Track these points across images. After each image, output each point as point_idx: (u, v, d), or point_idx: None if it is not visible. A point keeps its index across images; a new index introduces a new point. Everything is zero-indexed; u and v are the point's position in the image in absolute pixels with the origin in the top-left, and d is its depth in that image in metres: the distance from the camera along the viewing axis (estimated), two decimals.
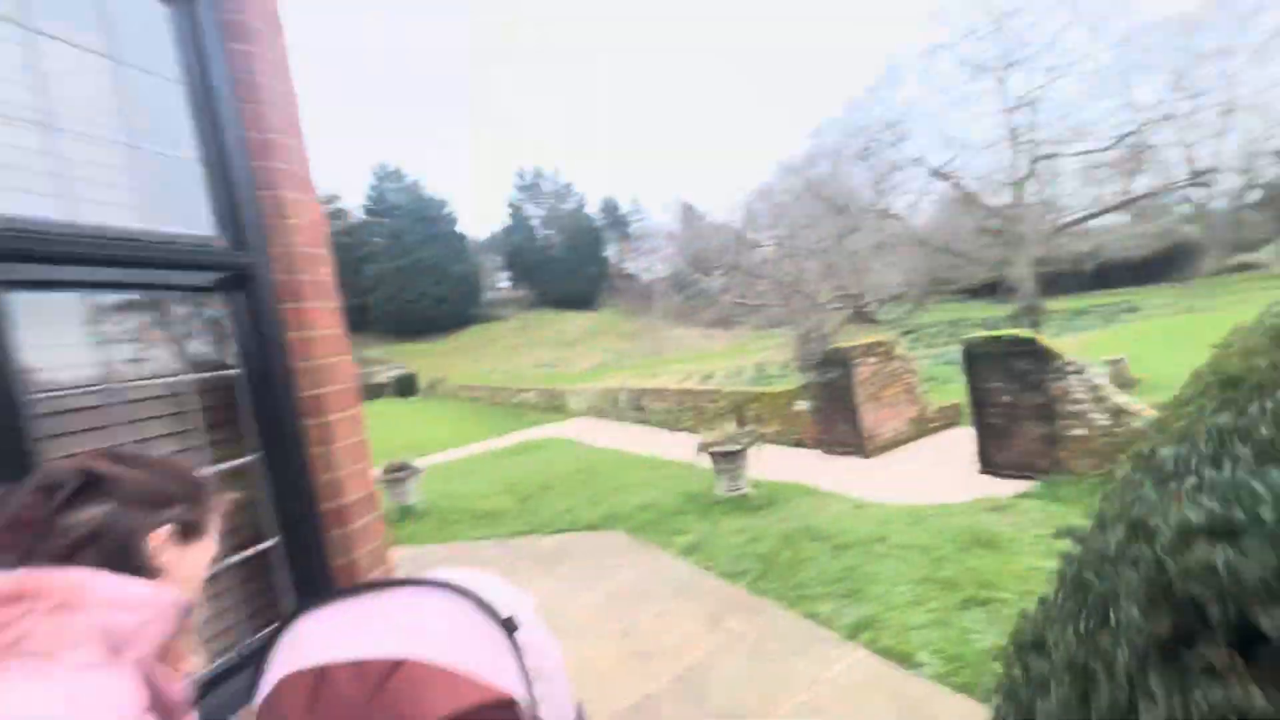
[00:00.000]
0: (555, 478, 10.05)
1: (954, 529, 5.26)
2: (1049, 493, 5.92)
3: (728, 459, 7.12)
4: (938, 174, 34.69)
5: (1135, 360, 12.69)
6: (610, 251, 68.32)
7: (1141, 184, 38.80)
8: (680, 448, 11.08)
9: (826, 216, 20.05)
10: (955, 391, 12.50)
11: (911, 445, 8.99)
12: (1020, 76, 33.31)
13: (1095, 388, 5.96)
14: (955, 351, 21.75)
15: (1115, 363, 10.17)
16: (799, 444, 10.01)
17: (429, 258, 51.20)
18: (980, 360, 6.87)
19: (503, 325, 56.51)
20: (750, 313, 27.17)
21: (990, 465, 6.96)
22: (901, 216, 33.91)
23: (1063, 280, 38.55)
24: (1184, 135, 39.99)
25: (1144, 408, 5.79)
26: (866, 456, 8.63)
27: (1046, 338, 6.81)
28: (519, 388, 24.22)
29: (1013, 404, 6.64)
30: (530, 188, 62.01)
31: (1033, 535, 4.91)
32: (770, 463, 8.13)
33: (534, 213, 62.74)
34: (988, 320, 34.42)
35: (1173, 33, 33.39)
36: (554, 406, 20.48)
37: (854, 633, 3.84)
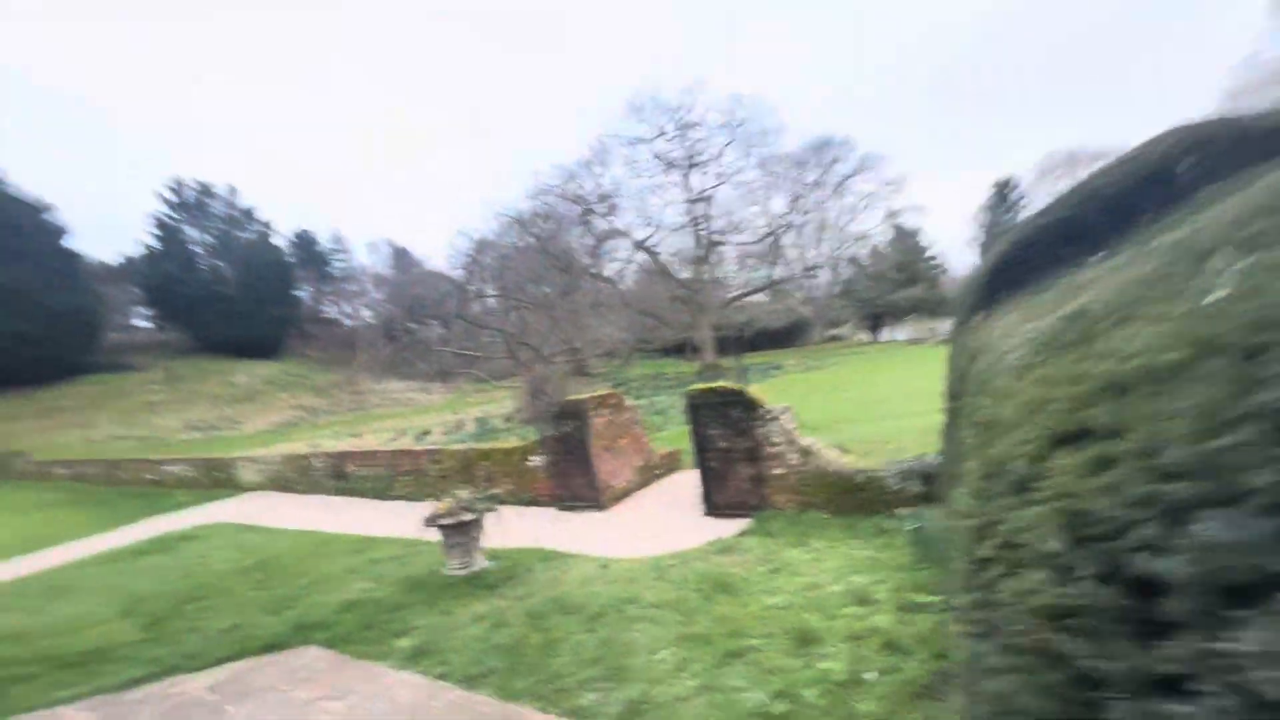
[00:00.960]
0: (211, 582, 7.41)
1: (695, 576, 5.34)
2: (761, 528, 6.59)
3: (460, 531, 6.15)
4: (641, 246, 39.69)
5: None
6: (304, 293, 58.93)
7: (776, 273, 50.73)
8: (397, 520, 9.46)
9: (551, 273, 20.67)
10: (666, 439, 13.65)
11: (640, 493, 9.30)
12: (698, 177, 40.83)
13: (788, 431, 6.99)
14: (662, 402, 24.32)
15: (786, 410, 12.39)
16: (533, 502, 9.47)
17: (7, 282, 36.04)
18: (701, 410, 7.49)
19: (136, 378, 42.82)
20: (470, 365, 26.08)
21: (713, 507, 7.52)
22: (613, 280, 37.52)
23: (728, 343, 47.43)
24: (799, 240, 54.11)
25: (824, 446, 7.00)
26: (603, 509, 8.57)
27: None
28: (160, 459, 18.12)
29: (728, 449, 7.35)
30: (191, 206, 49.66)
31: (759, 573, 5.26)
32: (507, 527, 7.38)
33: (195, 237, 50.25)
34: (680, 375, 39.99)
35: (789, 164, 45.27)
36: (216, 481, 15.82)
37: None
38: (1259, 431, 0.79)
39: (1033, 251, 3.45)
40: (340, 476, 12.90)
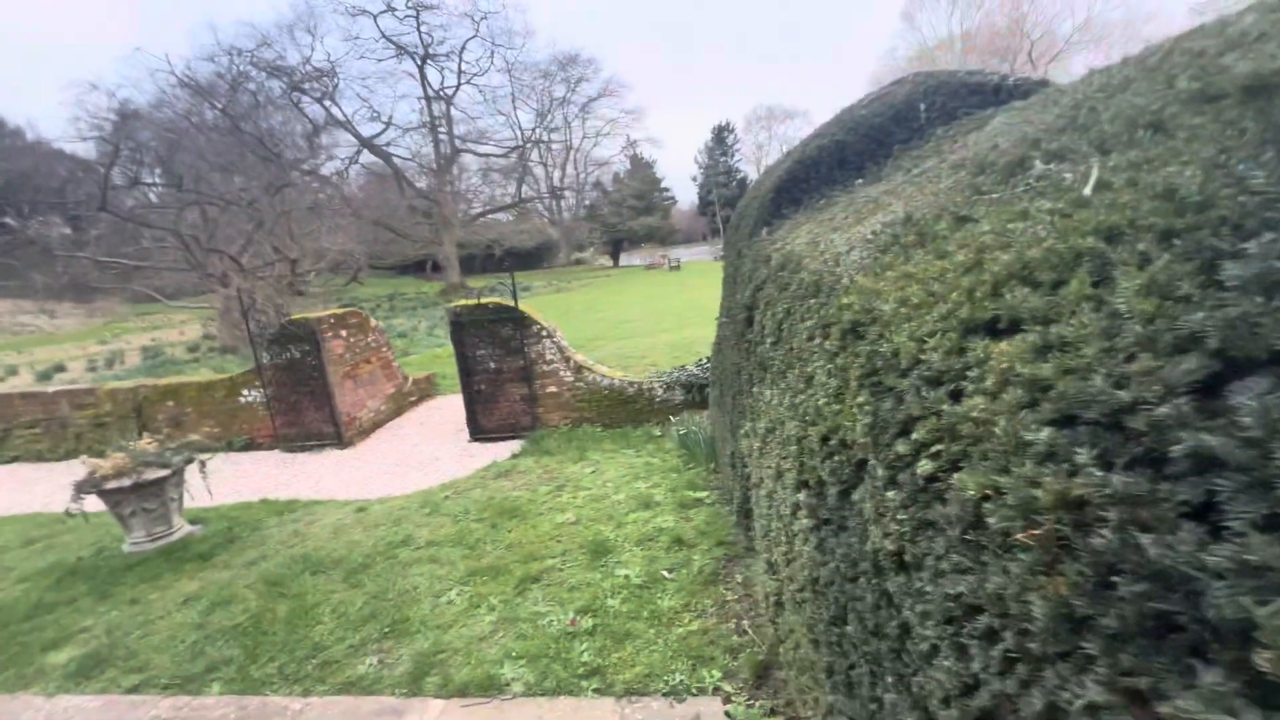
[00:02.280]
0: None
1: (475, 506, 4.94)
2: (537, 447, 6.42)
3: (142, 494, 4.56)
4: (368, 145, 34.08)
5: None
6: None
7: (525, 191, 49.31)
8: (22, 492, 6.77)
9: (250, 163, 16.18)
10: (416, 364, 12.45)
11: (394, 424, 8.26)
12: (434, 72, 36.26)
13: (562, 348, 6.82)
14: (404, 324, 21.98)
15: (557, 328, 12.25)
16: (251, 446, 7.66)
17: None
18: (467, 329, 6.78)
19: None
20: (128, 279, 19.54)
21: (480, 432, 7.05)
22: (333, 182, 31.71)
23: (474, 262, 45.20)
24: (545, 159, 53.13)
25: (594, 364, 7.03)
26: (347, 446, 7.36)
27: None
28: None
29: (498, 369, 6.88)
30: None
31: (544, 493, 5.12)
32: (217, 480, 5.81)
33: None
34: (422, 295, 36.74)
35: (537, 75, 43.28)
36: None
37: (416, 683, 2.94)
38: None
39: (812, 171, 3.72)
40: None
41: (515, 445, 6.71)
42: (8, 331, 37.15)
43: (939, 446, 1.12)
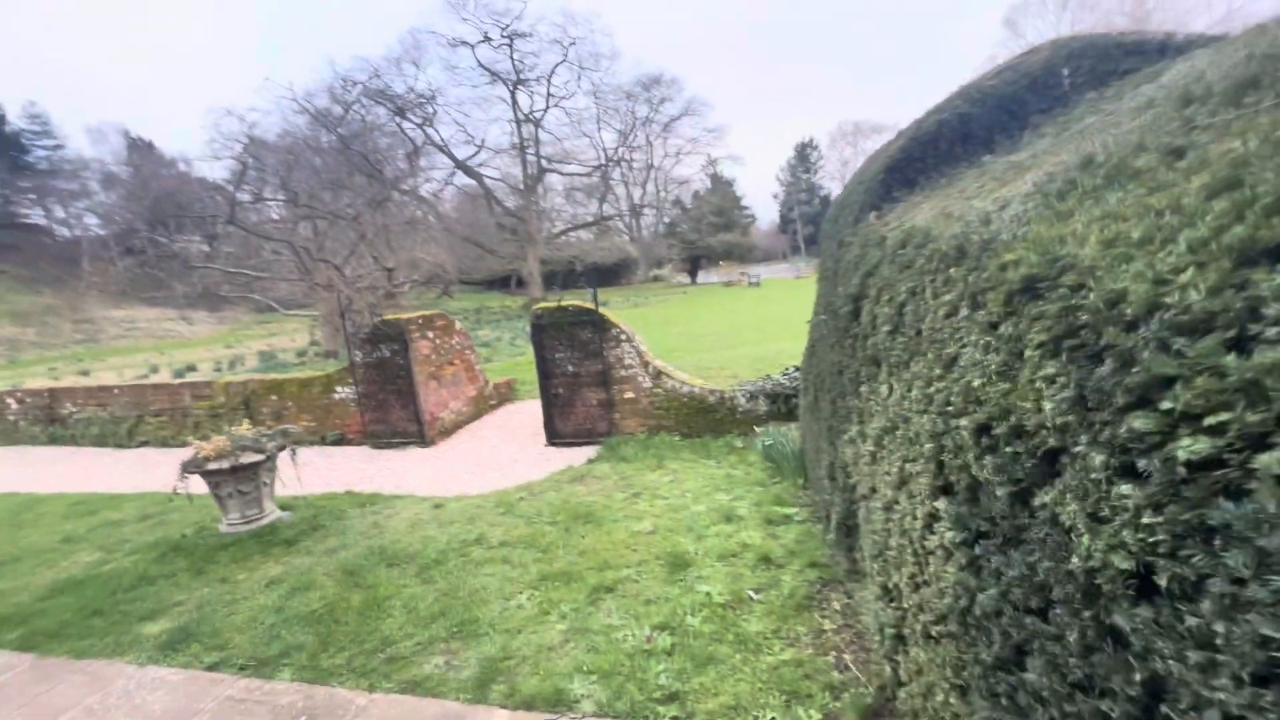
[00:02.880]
0: None
1: (549, 509, 4.78)
2: (613, 454, 6.23)
3: (239, 476, 4.75)
4: (462, 166, 36.08)
5: None
6: None
7: (605, 209, 50.38)
8: (146, 473, 7.36)
9: (356, 180, 17.44)
10: (495, 371, 12.71)
11: (473, 425, 8.37)
12: (525, 95, 37.95)
13: (641, 353, 6.62)
14: (488, 335, 22.78)
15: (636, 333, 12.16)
16: (342, 441, 8.00)
17: None
18: (547, 331, 6.75)
19: None
20: (249, 287, 21.52)
21: (557, 436, 6.96)
22: (429, 200, 33.76)
23: (555, 278, 46.51)
24: (625, 178, 54.12)
25: (674, 370, 6.78)
26: (429, 445, 7.50)
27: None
28: None
29: (576, 373, 6.78)
30: None
31: (620, 500, 4.88)
32: (310, 471, 6.04)
33: None
34: (506, 309, 38.15)
35: (621, 96, 44.32)
36: None
37: (481, 689, 2.74)
38: None
39: (929, 149, 3.30)
40: (54, 420, 9.73)
41: (591, 451, 6.54)
42: (154, 335, 42.24)
43: (1221, 417, 0.76)
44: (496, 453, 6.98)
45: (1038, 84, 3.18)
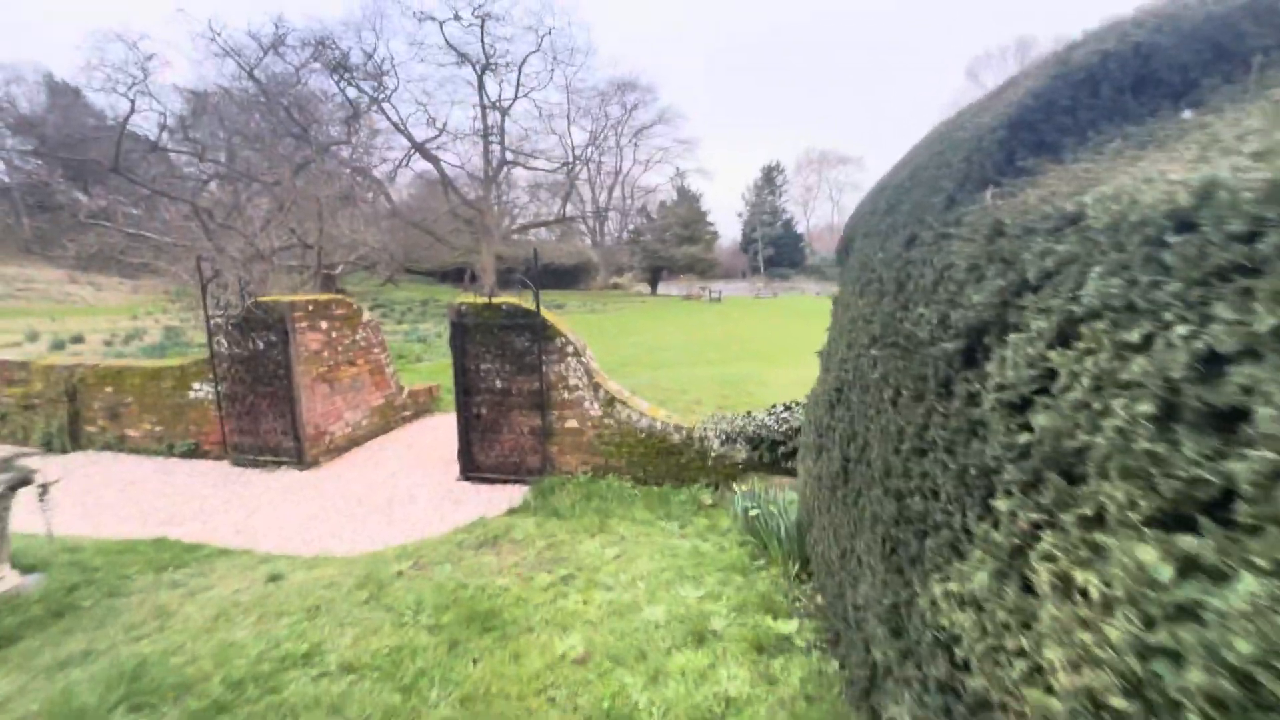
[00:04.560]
0: None
1: (436, 598, 3.25)
2: (544, 502, 4.73)
3: None
4: (420, 149, 33.79)
5: None
6: None
7: (567, 210, 48.81)
8: None
9: (282, 140, 15.25)
10: (424, 373, 10.98)
11: (375, 443, 6.69)
12: (492, 83, 36.10)
13: (591, 373, 5.18)
14: (428, 330, 20.73)
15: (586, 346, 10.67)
16: (195, 452, 6.17)
17: None
18: (471, 334, 5.21)
19: None
20: (151, 252, 18.71)
21: (474, 469, 5.41)
22: (380, 180, 31.34)
23: (512, 276, 44.45)
24: (594, 179, 52.79)
25: (630, 395, 5.34)
26: (308, 466, 5.80)
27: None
28: None
29: (505, 390, 5.26)
30: None
31: (542, 587, 3.40)
32: (134, 493, 4.29)
33: None
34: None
35: (593, 95, 43.05)
36: None
37: None
38: None
39: (1081, 95, 2.03)
40: None
41: (516, 494, 5.04)
42: (52, 299, 37.71)
43: None
44: (393, 484, 5.36)
45: (1257, 12, 1.97)
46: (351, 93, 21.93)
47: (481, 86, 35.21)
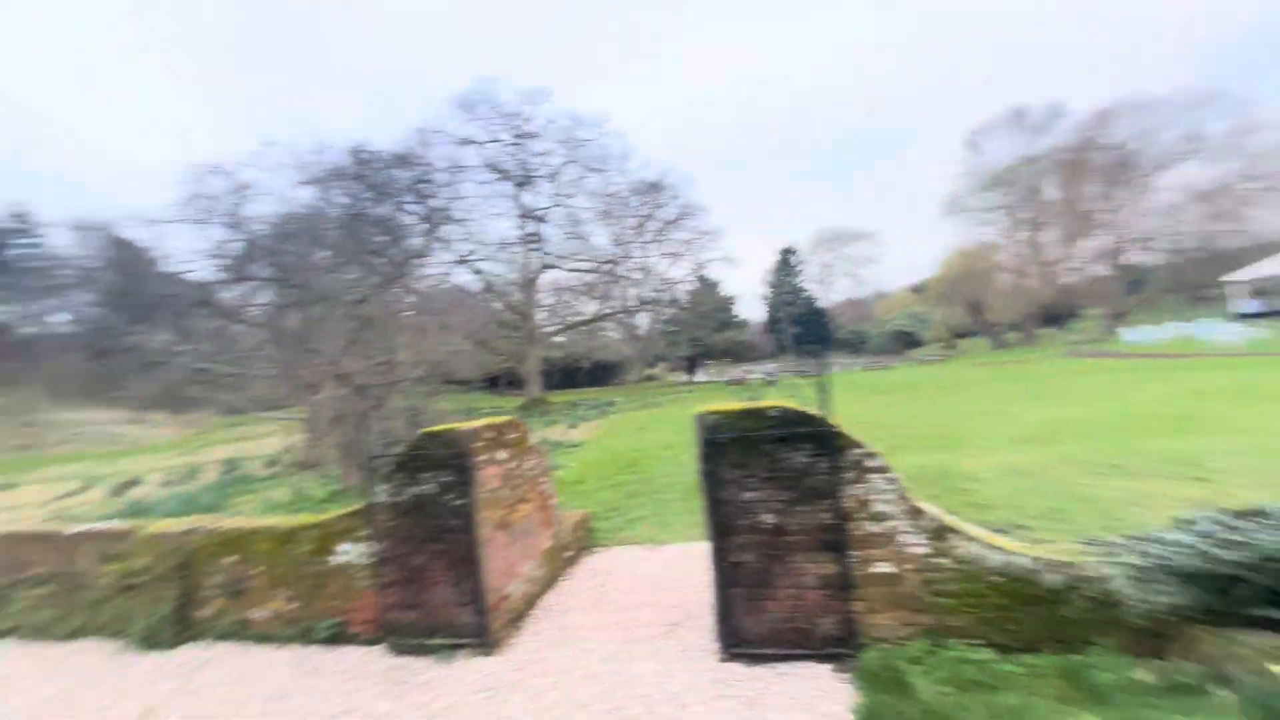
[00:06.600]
0: None
1: None
2: (874, 695, 3.15)
3: None
4: (465, 261, 34.56)
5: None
6: None
7: (603, 308, 49.10)
8: None
9: (363, 258, 14.99)
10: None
11: (549, 601, 5.18)
12: (528, 195, 37.47)
13: (900, 491, 3.81)
14: None
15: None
16: (339, 638, 4.76)
17: None
18: (728, 452, 3.92)
19: None
20: (219, 388, 18.20)
21: (740, 641, 3.90)
22: (427, 294, 31.65)
23: (551, 378, 43.98)
24: (625, 276, 53.67)
25: (963, 523, 3.90)
26: (492, 648, 4.34)
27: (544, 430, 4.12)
28: None
29: (778, 526, 3.88)
30: None
31: None
32: (269, 714, 2.86)
33: None
34: (498, 408, 34.99)
35: (621, 198, 44.48)
36: None
37: None
38: None
39: None
40: None
41: (817, 675, 3.50)
42: (109, 441, 37.71)
43: None
44: (627, 677, 3.84)
45: None
46: (420, 209, 22.40)
47: (519, 199, 36.51)
